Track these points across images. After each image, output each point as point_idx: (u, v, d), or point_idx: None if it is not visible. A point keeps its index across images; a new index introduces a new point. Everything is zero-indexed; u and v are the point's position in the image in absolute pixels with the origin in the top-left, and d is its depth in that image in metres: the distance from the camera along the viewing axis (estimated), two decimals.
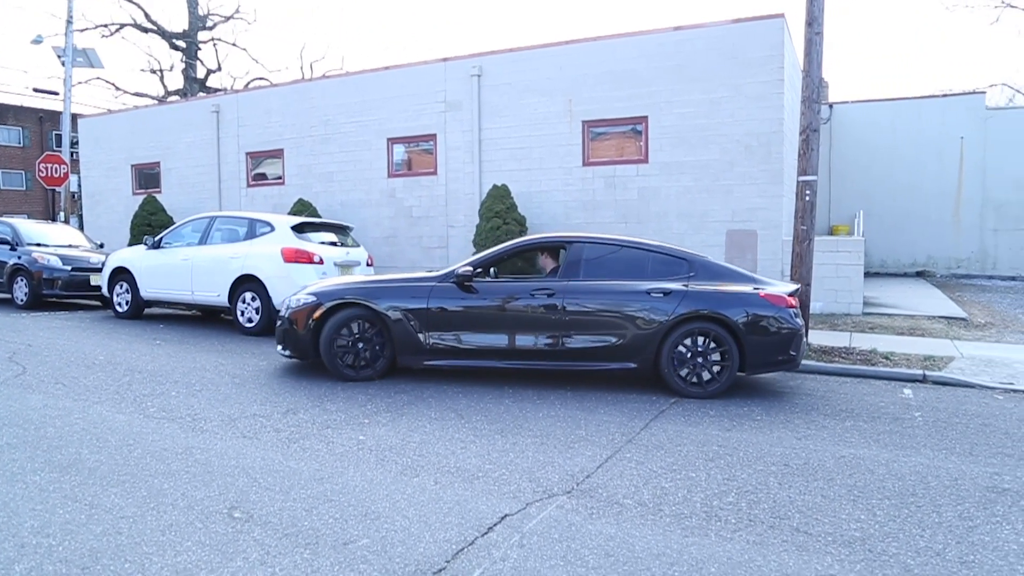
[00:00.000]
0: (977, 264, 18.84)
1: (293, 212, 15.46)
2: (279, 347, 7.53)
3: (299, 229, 10.51)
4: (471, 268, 7.08)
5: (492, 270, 7.36)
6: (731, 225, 12.52)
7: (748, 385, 7.26)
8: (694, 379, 6.69)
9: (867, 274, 15.41)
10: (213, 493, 4.04)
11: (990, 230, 18.76)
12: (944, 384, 7.47)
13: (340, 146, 16.54)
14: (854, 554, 3.43)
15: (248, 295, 10.13)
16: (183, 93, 31.59)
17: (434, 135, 15.37)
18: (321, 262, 10.19)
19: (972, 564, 3.35)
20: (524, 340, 6.93)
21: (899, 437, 5.49)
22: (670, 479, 4.42)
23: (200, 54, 32.63)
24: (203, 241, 10.84)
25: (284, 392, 6.62)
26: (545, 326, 6.88)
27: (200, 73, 32.72)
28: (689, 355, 6.69)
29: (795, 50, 13.64)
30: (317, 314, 7.13)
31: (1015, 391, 7.20)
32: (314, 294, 7.29)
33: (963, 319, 11.56)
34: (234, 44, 37.73)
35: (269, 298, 9.93)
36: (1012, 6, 39.67)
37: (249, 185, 18.05)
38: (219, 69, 33.81)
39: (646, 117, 13.26)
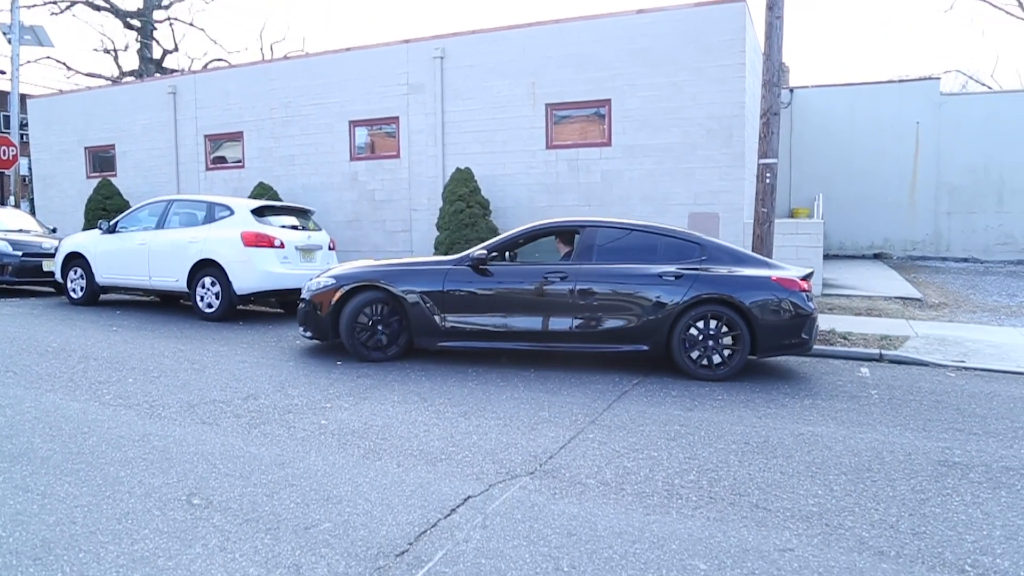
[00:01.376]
0: (932, 246, 19.25)
1: (253, 196, 15.21)
2: (300, 328, 7.74)
3: (259, 213, 10.33)
4: (486, 252, 7.19)
5: (507, 254, 7.46)
6: (693, 208, 12.62)
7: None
8: (705, 362, 6.75)
9: (826, 256, 15.68)
10: (171, 480, 3.97)
11: (944, 213, 19.17)
12: (900, 363, 7.64)
13: (301, 129, 16.28)
14: (811, 528, 3.49)
15: (207, 280, 9.95)
16: (139, 74, 30.76)
17: (397, 118, 15.21)
18: (282, 246, 10.05)
19: (923, 535, 3.44)
20: (538, 322, 7.01)
21: (856, 414, 5.60)
22: (632, 459, 4.45)
23: (156, 34, 31.74)
24: (160, 225, 10.60)
25: (245, 378, 6.53)
26: (558, 309, 6.96)
27: (156, 53, 31.87)
28: (700, 338, 6.76)
29: (756, 34, 13.73)
30: (336, 296, 7.28)
31: (967, 368, 7.39)
32: (334, 277, 7.46)
33: (918, 299, 11.83)
34: (191, 24, 36.61)
35: (229, 283, 9.77)
36: None
37: (208, 168, 17.70)
38: (176, 50, 33.04)
39: (609, 100, 13.27)
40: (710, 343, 6.74)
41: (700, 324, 6.75)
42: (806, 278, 6.93)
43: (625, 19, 13.18)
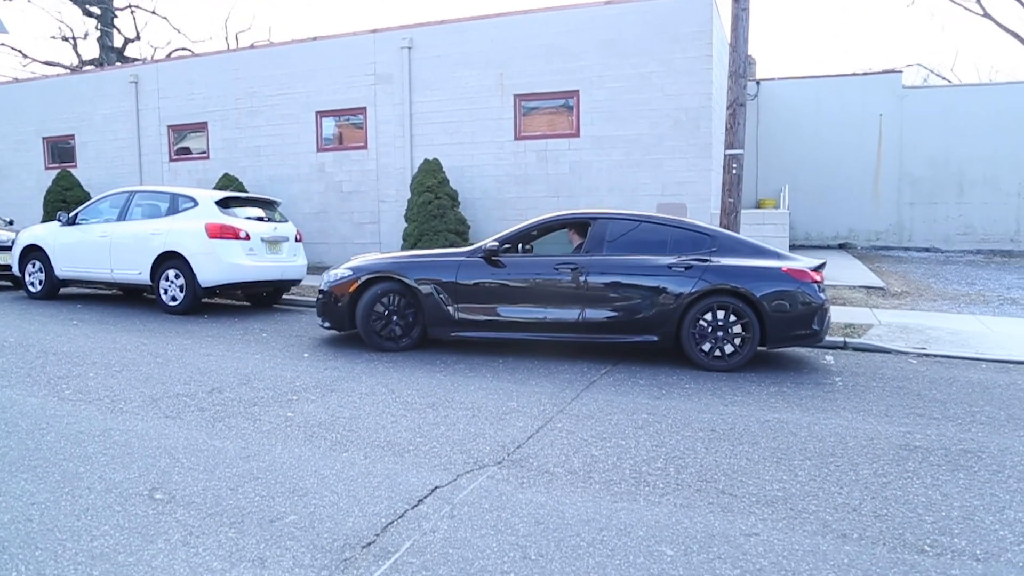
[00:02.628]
0: (895, 236, 19.58)
1: (219, 187, 14.99)
2: (319, 319, 7.84)
3: (224, 204, 10.16)
4: (498, 243, 7.27)
5: (520, 245, 7.55)
6: (661, 198, 12.69)
7: (678, 355, 7.39)
8: (716, 353, 6.76)
9: (792, 246, 15.86)
10: (133, 475, 3.89)
11: (906, 204, 19.51)
12: (863, 350, 7.77)
13: (267, 119, 16.07)
14: (776, 513, 3.53)
15: (171, 272, 9.78)
16: (99, 63, 30.08)
17: (364, 108, 15.08)
18: (247, 238, 9.90)
19: (885, 517, 3.50)
20: (549, 313, 7.06)
21: (821, 401, 5.68)
22: (600, 447, 4.47)
23: (117, 22, 31.10)
24: (122, 217, 10.38)
25: (209, 371, 6.44)
26: (569, 300, 7.00)
27: (117, 42, 31.22)
28: (710, 329, 6.77)
29: (723, 26, 13.83)
30: (353, 287, 7.42)
31: (927, 355, 7.53)
32: (351, 269, 7.60)
33: (881, 288, 12.02)
34: (154, 12, 35.88)
35: (193, 275, 9.62)
36: None
37: (172, 160, 17.40)
38: (138, 38, 32.35)
39: (577, 91, 13.28)
40: (720, 334, 6.74)
41: (709, 315, 6.77)
42: (818, 269, 6.93)
43: (593, 10, 13.19)
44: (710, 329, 6.77)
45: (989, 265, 16.34)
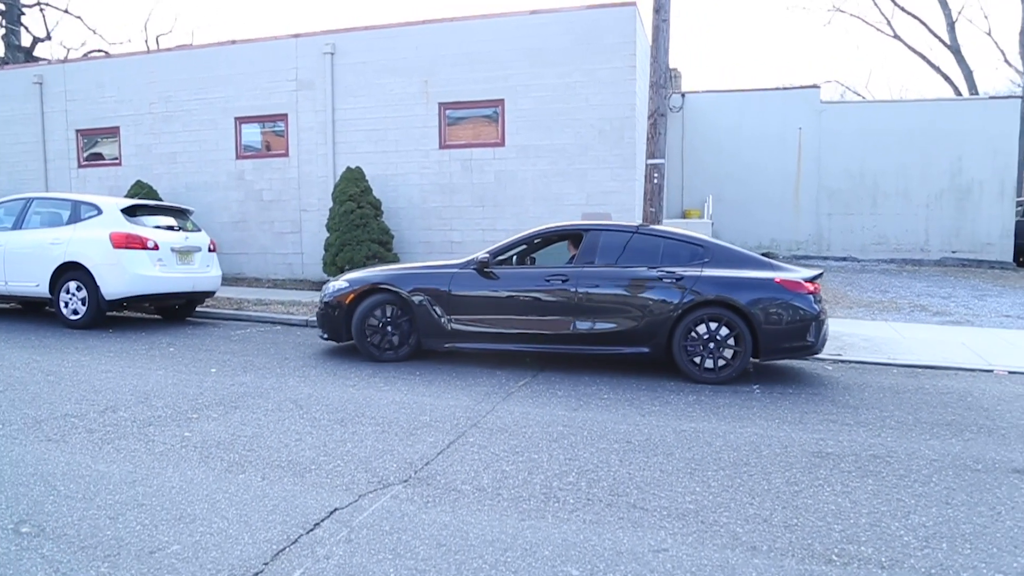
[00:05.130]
0: (814, 246, 20.15)
1: (131, 195, 14.29)
2: (319, 331, 7.93)
3: (131, 212, 9.66)
4: (489, 255, 7.25)
5: (513, 257, 7.57)
6: (586, 208, 12.68)
7: (597, 363, 7.33)
8: (707, 365, 6.66)
9: None
10: None
11: (825, 215, 20.11)
12: None
13: (184, 125, 15.45)
14: (687, 527, 3.44)
15: (72, 284, 9.22)
16: (3, 62, 28.62)
17: (285, 115, 14.65)
18: (156, 247, 9.43)
19: (795, 527, 3.45)
20: (540, 324, 7.00)
21: (737, 409, 5.68)
22: (511, 462, 4.32)
23: (25, 19, 29.65)
24: (18, 225, 9.75)
25: (105, 389, 6.04)
26: (560, 311, 6.94)
27: (26, 41, 29.74)
28: (701, 341, 6.67)
29: (647, 38, 13.96)
30: (349, 299, 7.45)
31: (843, 361, 7.67)
32: (347, 280, 7.65)
33: None
34: (66, 11, 34.07)
35: (97, 287, 9.09)
36: (841, 11, 42.81)
37: (81, 166, 16.55)
38: (48, 38, 30.82)
39: (503, 100, 13.19)
40: (711, 345, 6.66)
41: (701, 327, 6.69)
42: (813, 280, 6.81)
43: (519, 19, 13.14)
44: (701, 341, 6.68)
45: (901, 273, 16.95)
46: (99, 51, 32.49)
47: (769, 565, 3.07)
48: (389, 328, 7.38)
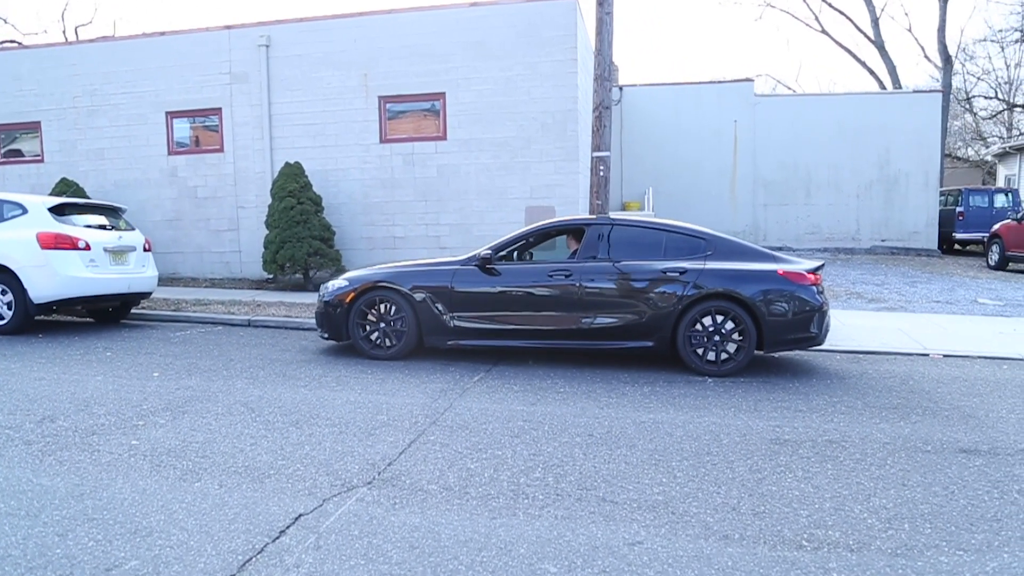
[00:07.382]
0: (751, 236, 20.58)
1: (57, 193, 13.62)
2: (319, 330, 7.79)
3: (59, 211, 9.20)
4: (491, 251, 7.15)
5: (515, 253, 7.46)
6: (530, 202, 12.68)
7: (552, 356, 7.32)
8: (710, 357, 6.64)
9: None
10: None
11: (761, 205, 20.60)
12: None
13: (111, 120, 14.82)
14: (659, 518, 3.44)
15: None
16: None
17: (219, 109, 14.20)
18: (88, 248, 9.00)
19: (763, 514, 3.48)
20: (544, 320, 6.92)
21: (693, 399, 5.73)
22: (476, 459, 4.25)
23: None
24: None
25: (41, 398, 5.72)
26: (564, 306, 6.87)
27: None
28: (705, 334, 6.65)
29: (588, 31, 14.01)
30: (349, 298, 7.35)
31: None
32: (347, 279, 7.56)
33: None
34: None
35: (24, 291, 8.63)
36: (772, 6, 43.90)
37: None
38: None
39: (444, 94, 13.06)
40: (715, 338, 6.66)
41: (705, 320, 6.68)
42: (815, 271, 6.81)
43: (459, 12, 13.02)
44: (706, 334, 6.69)
45: (835, 262, 17.48)
46: (12, 42, 30.91)
47: (743, 553, 3.09)
48: (389, 326, 7.27)
